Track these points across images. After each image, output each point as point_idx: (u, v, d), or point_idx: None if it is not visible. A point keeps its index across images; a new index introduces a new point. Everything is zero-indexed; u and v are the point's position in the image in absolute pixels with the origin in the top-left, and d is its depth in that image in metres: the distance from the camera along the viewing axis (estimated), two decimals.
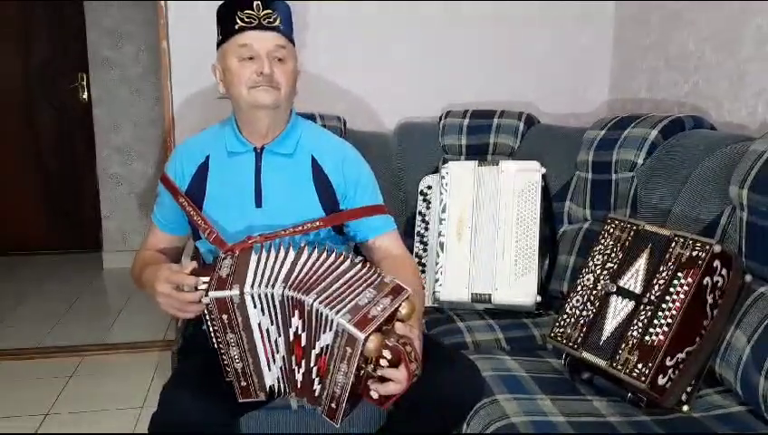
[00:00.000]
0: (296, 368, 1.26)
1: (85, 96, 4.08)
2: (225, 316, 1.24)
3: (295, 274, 1.25)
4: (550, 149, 2.14)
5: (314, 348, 1.23)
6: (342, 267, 1.27)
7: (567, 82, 2.67)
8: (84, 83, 4.06)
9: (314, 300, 1.19)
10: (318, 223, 1.47)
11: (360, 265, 1.28)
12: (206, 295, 1.24)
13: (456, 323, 1.87)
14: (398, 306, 1.20)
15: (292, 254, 1.29)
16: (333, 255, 1.30)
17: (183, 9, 2.40)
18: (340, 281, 1.24)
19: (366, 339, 1.14)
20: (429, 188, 2.14)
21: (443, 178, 2.07)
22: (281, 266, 1.27)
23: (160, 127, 3.70)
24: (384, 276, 1.26)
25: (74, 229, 4.34)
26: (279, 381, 1.31)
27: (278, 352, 1.27)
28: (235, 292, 1.23)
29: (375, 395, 1.24)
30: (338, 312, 1.17)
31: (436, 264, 2.01)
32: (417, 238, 2.12)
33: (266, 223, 1.46)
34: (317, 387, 1.25)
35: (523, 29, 2.61)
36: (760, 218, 1.41)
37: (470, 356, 1.53)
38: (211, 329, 1.27)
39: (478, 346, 1.76)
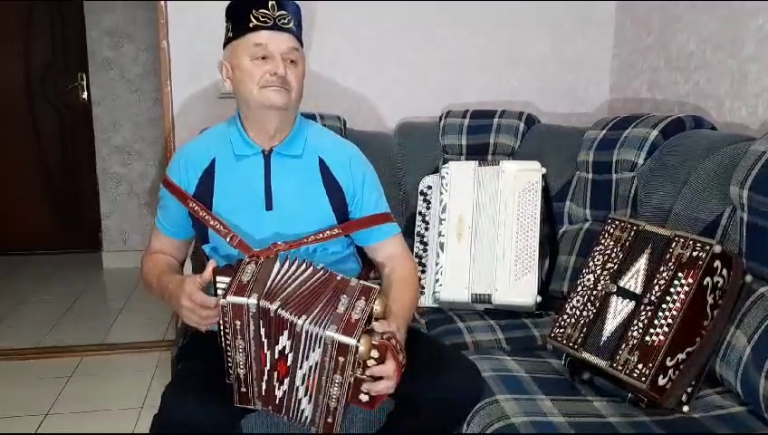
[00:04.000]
0: (277, 384, 1.26)
1: (85, 96, 4.08)
2: (238, 322, 1.23)
3: (285, 290, 1.26)
4: (550, 149, 2.14)
5: (301, 368, 1.23)
6: (313, 278, 1.29)
7: (567, 82, 2.67)
8: (84, 83, 4.06)
9: (305, 321, 1.21)
10: (336, 230, 1.47)
11: (324, 273, 1.30)
12: (224, 298, 1.23)
13: (456, 324, 1.86)
14: (373, 305, 1.24)
15: (293, 267, 1.29)
16: (303, 265, 1.30)
17: (183, 9, 2.40)
18: (316, 293, 1.26)
19: (357, 343, 1.17)
20: (429, 188, 2.14)
21: (443, 178, 2.07)
22: (285, 281, 1.27)
23: (160, 127, 3.69)
24: (349, 279, 1.29)
25: (74, 229, 4.34)
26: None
27: (266, 365, 1.27)
28: (253, 300, 1.22)
29: (365, 398, 1.25)
30: (325, 327, 1.19)
31: (437, 264, 2.01)
32: (417, 238, 2.11)
33: (277, 226, 1.46)
34: (307, 406, 1.25)
35: (523, 29, 2.61)
36: (760, 219, 1.41)
37: (470, 356, 1.53)
38: (222, 331, 1.27)
39: (478, 346, 1.76)
